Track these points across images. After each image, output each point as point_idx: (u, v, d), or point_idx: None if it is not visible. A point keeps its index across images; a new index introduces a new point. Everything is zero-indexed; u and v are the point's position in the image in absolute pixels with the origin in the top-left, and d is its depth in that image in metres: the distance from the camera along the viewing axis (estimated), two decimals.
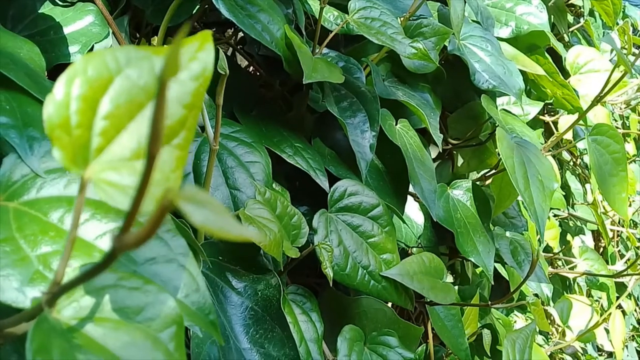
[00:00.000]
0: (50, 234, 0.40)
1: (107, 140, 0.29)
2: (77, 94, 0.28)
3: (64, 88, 0.28)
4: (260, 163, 0.77)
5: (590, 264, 1.64)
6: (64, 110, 0.28)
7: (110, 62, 0.30)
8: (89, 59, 0.29)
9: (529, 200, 0.85)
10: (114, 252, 0.24)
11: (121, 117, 0.29)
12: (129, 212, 0.23)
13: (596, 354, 2.47)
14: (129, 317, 0.34)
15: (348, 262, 0.77)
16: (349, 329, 0.71)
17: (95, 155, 0.28)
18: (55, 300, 0.31)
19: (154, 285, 0.36)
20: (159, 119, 0.21)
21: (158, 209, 0.21)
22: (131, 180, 0.29)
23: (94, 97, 0.29)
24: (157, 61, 0.31)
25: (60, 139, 0.27)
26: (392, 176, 0.93)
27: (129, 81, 0.30)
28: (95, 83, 0.29)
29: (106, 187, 0.28)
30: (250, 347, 0.65)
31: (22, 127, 0.45)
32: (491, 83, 1.10)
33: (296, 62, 0.81)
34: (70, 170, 0.27)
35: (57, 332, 0.32)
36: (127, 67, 0.30)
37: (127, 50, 0.31)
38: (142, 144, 0.29)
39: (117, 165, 0.29)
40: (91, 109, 0.28)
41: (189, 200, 0.21)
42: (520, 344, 0.77)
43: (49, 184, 0.43)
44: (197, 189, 0.21)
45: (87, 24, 0.77)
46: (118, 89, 0.30)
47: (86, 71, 0.29)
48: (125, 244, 0.24)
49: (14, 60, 0.50)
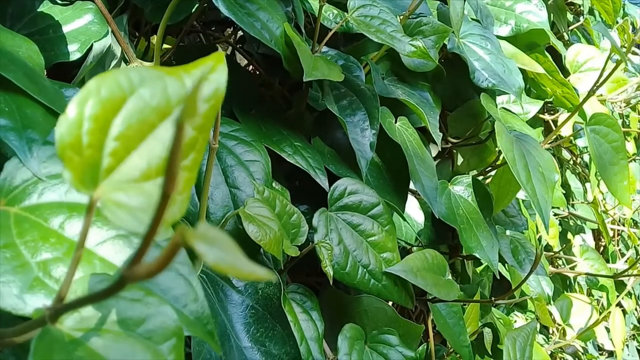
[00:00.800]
0: (51, 241, 0.40)
1: (117, 161, 0.29)
2: (90, 114, 0.28)
3: (77, 108, 0.28)
4: (260, 162, 0.77)
5: (590, 263, 1.64)
6: (76, 130, 0.28)
7: (124, 83, 0.30)
8: (102, 80, 0.29)
9: (532, 192, 0.85)
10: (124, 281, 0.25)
11: (132, 137, 0.29)
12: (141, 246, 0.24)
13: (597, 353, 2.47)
14: (130, 328, 0.34)
15: (348, 260, 0.77)
16: (350, 328, 0.71)
17: (105, 175, 0.28)
18: (58, 317, 0.31)
19: (155, 297, 0.36)
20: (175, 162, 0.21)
21: (171, 246, 0.22)
22: (139, 201, 0.29)
23: (106, 117, 0.29)
24: (169, 81, 0.31)
25: (72, 159, 0.27)
26: (392, 174, 0.93)
27: (141, 101, 0.30)
28: (108, 104, 0.29)
29: (114, 208, 0.28)
30: (251, 345, 0.65)
31: (22, 129, 0.44)
32: (491, 81, 1.10)
33: (296, 61, 0.81)
34: (80, 191, 0.27)
35: (59, 345, 0.32)
36: (140, 87, 0.30)
37: (140, 70, 0.31)
38: (152, 165, 0.29)
39: (126, 187, 0.29)
40: (103, 130, 0.28)
41: (202, 239, 0.21)
42: (521, 342, 0.76)
43: (50, 190, 0.43)
44: (209, 227, 0.22)
45: (86, 23, 0.77)
46: (130, 110, 0.30)
47: (99, 92, 0.29)
48: (136, 275, 0.24)
49: (13, 60, 0.50)
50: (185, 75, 0.31)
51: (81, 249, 0.29)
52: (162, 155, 0.29)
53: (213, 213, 0.72)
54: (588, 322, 1.67)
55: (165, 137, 0.30)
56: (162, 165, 0.29)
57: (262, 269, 0.22)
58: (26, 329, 0.34)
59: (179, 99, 0.31)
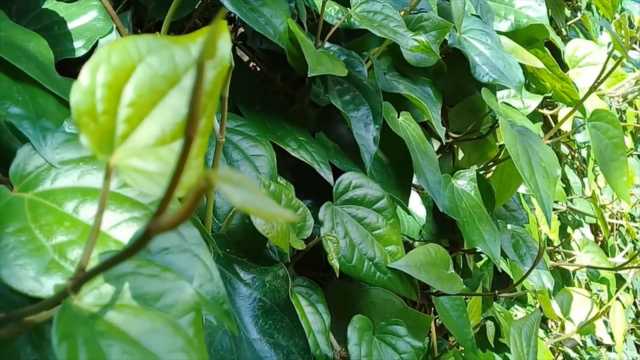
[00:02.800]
0: (65, 224, 0.41)
1: (132, 127, 0.29)
2: (102, 82, 0.29)
3: (89, 75, 0.28)
4: (265, 156, 0.77)
5: (591, 256, 1.65)
6: (90, 97, 0.28)
7: (132, 51, 0.30)
8: (112, 47, 0.30)
9: (535, 187, 0.86)
10: (149, 233, 0.25)
11: (144, 104, 0.29)
12: (165, 194, 0.24)
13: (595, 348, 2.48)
14: (149, 303, 0.35)
15: (354, 253, 0.78)
16: (359, 319, 0.72)
17: (120, 142, 0.29)
18: (81, 286, 0.31)
19: (171, 272, 0.36)
20: (197, 102, 0.21)
21: (195, 190, 0.22)
22: (155, 166, 0.29)
23: (118, 84, 0.29)
24: (176, 50, 0.31)
25: (88, 125, 0.27)
26: (395, 168, 0.94)
27: (150, 69, 0.30)
28: (119, 71, 0.29)
29: (132, 173, 0.28)
30: (259, 337, 0.65)
31: (35, 118, 0.45)
32: (491, 76, 1.11)
33: (300, 56, 0.81)
34: (97, 156, 0.28)
35: (80, 319, 0.33)
36: (148, 56, 0.31)
37: (147, 39, 0.31)
38: (166, 131, 0.30)
39: (142, 152, 0.29)
40: (116, 97, 0.29)
41: (227, 181, 0.21)
42: (526, 332, 0.77)
43: (63, 175, 0.43)
44: (233, 170, 0.22)
45: (91, 19, 0.78)
46: (140, 77, 0.30)
47: (110, 59, 0.29)
48: (160, 225, 0.24)
49: (25, 53, 0.51)
50: (191, 43, 0.32)
51: (100, 216, 0.29)
52: (174, 122, 0.30)
53: (220, 207, 0.72)
54: (588, 315, 1.68)
55: (175, 104, 0.30)
56: (175, 131, 0.30)
57: (286, 211, 0.22)
58: (46, 305, 0.34)
59: (186, 67, 0.31)
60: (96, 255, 0.36)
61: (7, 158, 0.58)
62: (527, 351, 0.75)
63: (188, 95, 0.31)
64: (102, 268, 0.30)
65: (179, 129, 0.30)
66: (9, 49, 0.48)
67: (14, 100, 0.45)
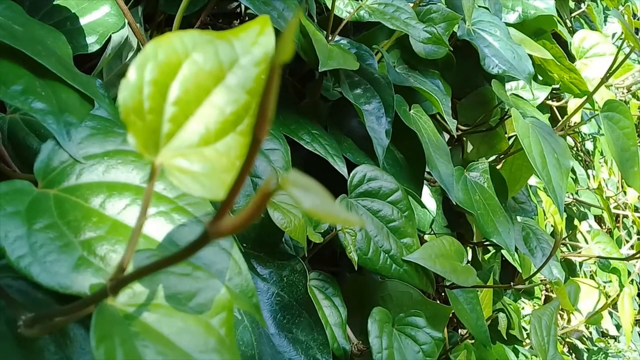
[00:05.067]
0: (93, 220, 0.40)
1: (177, 126, 0.29)
2: (150, 79, 0.28)
3: (137, 72, 0.28)
4: (280, 150, 0.77)
5: (602, 246, 1.65)
6: (137, 94, 0.28)
7: (179, 47, 0.30)
8: (159, 43, 0.29)
9: (548, 178, 0.86)
10: (207, 237, 0.24)
11: (189, 102, 0.29)
12: (227, 199, 0.23)
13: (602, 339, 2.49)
14: (182, 303, 0.34)
15: (370, 246, 0.78)
16: (378, 311, 0.72)
17: (166, 141, 0.28)
18: (120, 288, 0.31)
19: (203, 271, 0.36)
20: (268, 102, 0.21)
21: (260, 195, 0.21)
22: (200, 166, 0.29)
23: (164, 81, 0.29)
24: (220, 46, 0.31)
25: (135, 124, 0.27)
26: (408, 161, 0.94)
27: (196, 66, 0.30)
28: (166, 67, 0.29)
29: (177, 174, 0.28)
30: (278, 332, 0.65)
31: (59, 113, 0.45)
32: (501, 68, 1.10)
33: (311, 50, 0.81)
34: (144, 155, 0.27)
35: (116, 320, 0.32)
36: (194, 52, 0.30)
37: (192, 34, 0.31)
38: (210, 130, 0.29)
39: (186, 152, 0.29)
40: (162, 94, 0.28)
41: (296, 185, 0.21)
42: (546, 321, 0.77)
43: (88, 170, 0.43)
44: (300, 174, 0.21)
45: (103, 15, 0.77)
46: (186, 74, 0.30)
47: (157, 55, 0.29)
48: (221, 230, 0.24)
49: (45, 47, 0.50)
50: (234, 39, 0.31)
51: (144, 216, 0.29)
52: (218, 120, 0.30)
53: (236, 202, 0.72)
54: (596, 306, 1.68)
55: (219, 102, 0.30)
56: (220, 130, 0.30)
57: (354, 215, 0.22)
58: (82, 305, 0.34)
59: (230, 63, 0.31)
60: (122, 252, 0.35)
61: (23, 155, 0.58)
62: (547, 340, 0.75)
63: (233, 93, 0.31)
64: (146, 271, 0.29)
65: (224, 128, 0.30)
66: (30, 44, 0.48)
67: (37, 95, 0.45)
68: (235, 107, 0.30)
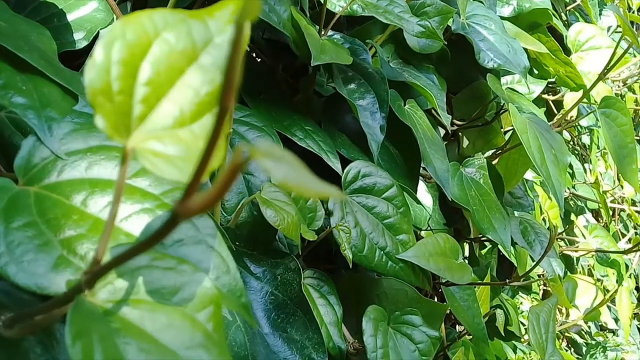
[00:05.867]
0: (74, 218, 0.39)
1: (149, 108, 0.27)
2: (118, 59, 0.27)
3: (103, 51, 0.26)
4: None
5: (600, 241, 1.64)
6: (105, 75, 0.26)
7: (148, 26, 0.29)
8: (127, 22, 0.28)
9: (546, 174, 0.84)
10: (176, 218, 0.23)
11: (161, 83, 0.28)
12: (195, 174, 0.22)
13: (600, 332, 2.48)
14: (165, 298, 0.33)
15: (365, 243, 0.76)
16: (373, 310, 0.71)
17: (138, 124, 0.27)
18: (95, 281, 0.30)
19: (189, 264, 0.35)
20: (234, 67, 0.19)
21: (231, 166, 0.20)
22: (175, 149, 0.27)
23: (133, 62, 0.27)
24: (193, 25, 0.29)
25: (103, 106, 0.26)
26: (403, 157, 0.92)
27: (167, 46, 0.28)
28: (135, 47, 0.27)
29: (151, 157, 0.26)
30: (272, 331, 0.64)
31: (40, 107, 0.43)
32: (496, 62, 1.09)
33: (304, 44, 0.80)
34: (114, 139, 0.26)
35: (94, 316, 0.31)
36: (165, 31, 0.29)
37: (163, 13, 0.29)
38: (185, 111, 0.28)
39: (160, 135, 0.27)
40: (131, 75, 0.27)
41: (267, 155, 0.19)
42: (544, 317, 0.76)
43: (70, 167, 0.41)
44: (272, 145, 0.20)
45: (91, 10, 0.76)
46: (157, 54, 0.28)
47: (125, 34, 0.27)
48: (189, 209, 0.22)
49: (28, 42, 0.49)
50: (208, 18, 0.30)
51: (117, 204, 0.28)
52: (193, 101, 0.28)
53: (228, 200, 0.71)
54: (593, 302, 1.67)
55: (194, 82, 0.28)
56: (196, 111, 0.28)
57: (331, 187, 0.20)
58: (58, 302, 0.32)
59: (204, 43, 0.29)
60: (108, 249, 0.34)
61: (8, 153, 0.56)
62: (545, 337, 0.74)
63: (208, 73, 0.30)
64: (120, 260, 0.28)
65: (199, 109, 0.28)
66: (12, 39, 0.46)
67: (17, 90, 0.44)
68: (211, 87, 0.28)
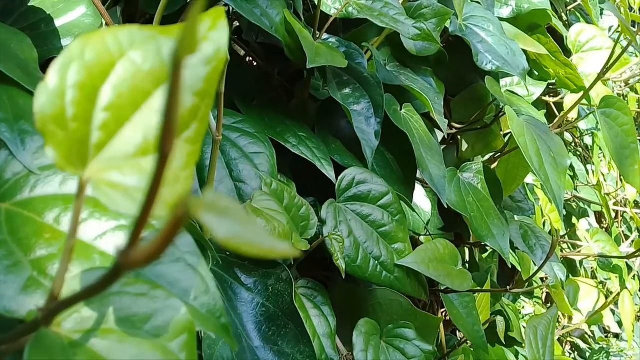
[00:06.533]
0: (46, 236, 0.37)
1: (109, 134, 0.25)
2: (74, 82, 0.25)
3: (58, 74, 0.25)
4: (265, 154, 0.74)
5: (602, 245, 1.62)
6: (58, 100, 0.24)
7: (112, 45, 0.27)
8: (86, 41, 0.26)
9: (545, 178, 0.83)
10: (119, 269, 0.21)
11: (124, 107, 0.26)
12: (136, 224, 0.20)
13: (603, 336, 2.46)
14: (136, 326, 0.31)
15: (359, 253, 0.75)
16: (364, 323, 0.69)
17: (95, 152, 0.25)
18: (53, 318, 0.28)
19: (162, 290, 0.33)
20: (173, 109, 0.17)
21: (171, 221, 0.18)
22: (136, 180, 0.25)
23: (93, 84, 0.25)
24: (164, 42, 0.28)
25: (54, 134, 0.24)
26: (399, 163, 0.91)
27: (133, 66, 0.27)
28: (95, 68, 0.26)
29: (107, 190, 0.24)
30: (262, 345, 0.62)
31: (14, 120, 0.42)
32: (495, 64, 1.07)
33: (297, 48, 0.78)
34: (66, 170, 0.24)
35: (57, 349, 0.29)
36: (131, 50, 0.27)
37: (130, 30, 0.27)
38: (149, 138, 0.26)
39: (120, 164, 0.25)
40: (90, 99, 0.25)
41: (211, 209, 0.17)
42: (542, 331, 0.74)
43: (44, 182, 0.40)
44: (219, 195, 0.18)
45: (79, 16, 0.74)
46: (121, 75, 0.26)
47: (83, 55, 0.25)
48: (132, 261, 0.20)
49: (4, 51, 0.47)
50: None
51: (73, 239, 0.26)
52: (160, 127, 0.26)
53: None
54: (596, 305, 1.65)
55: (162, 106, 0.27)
56: None
57: (283, 243, 0.18)
58: (20, 334, 0.31)
59: None
60: (79, 273, 0.32)
61: None
62: (543, 352, 0.72)
63: None
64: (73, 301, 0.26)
65: None
66: None
67: None
68: (182, 111, 0.27)
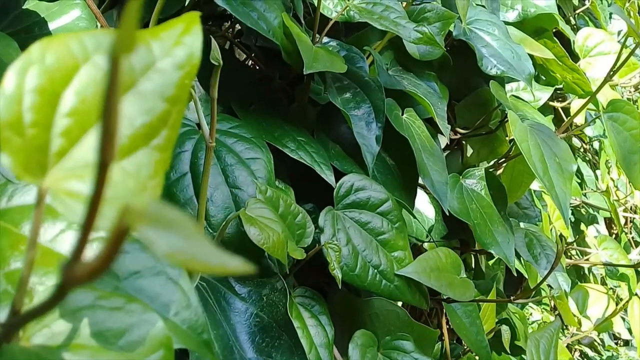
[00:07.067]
0: (21, 248, 0.36)
1: (71, 141, 0.24)
2: (33, 86, 0.24)
3: (15, 78, 0.23)
4: (262, 159, 0.73)
5: (609, 253, 1.59)
6: (15, 105, 0.23)
7: (76, 48, 0.25)
8: (47, 44, 0.25)
9: (549, 184, 0.81)
10: (64, 287, 0.20)
11: (88, 113, 0.24)
12: (79, 239, 0.18)
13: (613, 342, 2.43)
14: (110, 341, 0.30)
15: (357, 261, 0.73)
16: (361, 334, 0.67)
17: (56, 160, 0.24)
18: (13, 334, 0.26)
19: (139, 303, 0.31)
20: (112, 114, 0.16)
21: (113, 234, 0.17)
22: None
23: (53, 89, 0.24)
24: None
25: (10, 141, 0.22)
26: (400, 169, 0.89)
27: (98, 70, 0.25)
28: (56, 73, 0.24)
29: (66, 199, 0.23)
30: (256, 356, 0.60)
31: None
32: (500, 68, 1.05)
33: (295, 52, 0.77)
34: (24, 179, 0.23)
35: None
36: (96, 54, 0.26)
37: (96, 34, 0.26)
38: None
39: (83, 172, 0.24)
40: (50, 104, 0.24)
41: (152, 221, 0.16)
42: (544, 344, 0.72)
43: (21, 192, 0.38)
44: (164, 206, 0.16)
45: (73, 19, 0.73)
46: (85, 80, 0.25)
47: (44, 59, 0.24)
48: (76, 277, 0.18)
49: None
50: (152, 39, 0.27)
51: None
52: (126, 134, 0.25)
53: (214, 216, 0.68)
54: (605, 312, 1.63)
55: (129, 112, 0.25)
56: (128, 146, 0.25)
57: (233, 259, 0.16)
58: None
59: (144, 67, 0.26)
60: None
61: None
62: None
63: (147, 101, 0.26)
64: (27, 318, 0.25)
65: (133, 143, 0.25)
66: None
67: None
68: (149, 117, 0.25)
